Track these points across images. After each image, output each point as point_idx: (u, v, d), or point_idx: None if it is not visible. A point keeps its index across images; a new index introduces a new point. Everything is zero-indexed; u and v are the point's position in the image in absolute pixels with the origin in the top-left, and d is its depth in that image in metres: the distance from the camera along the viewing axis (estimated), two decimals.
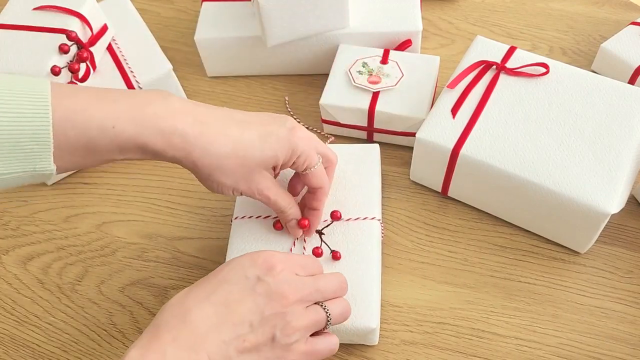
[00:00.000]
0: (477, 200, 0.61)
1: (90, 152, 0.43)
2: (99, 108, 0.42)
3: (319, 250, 0.53)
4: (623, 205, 0.53)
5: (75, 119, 0.41)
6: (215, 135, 0.46)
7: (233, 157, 0.46)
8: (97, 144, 0.42)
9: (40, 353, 0.56)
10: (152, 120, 0.43)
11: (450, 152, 0.56)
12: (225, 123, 0.47)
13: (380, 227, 0.56)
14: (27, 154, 0.40)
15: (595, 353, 0.52)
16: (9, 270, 0.62)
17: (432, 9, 0.83)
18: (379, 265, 0.54)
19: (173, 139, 0.44)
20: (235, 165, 0.47)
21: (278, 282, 0.42)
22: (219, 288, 0.41)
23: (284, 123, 0.49)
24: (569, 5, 0.82)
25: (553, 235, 0.58)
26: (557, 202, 0.53)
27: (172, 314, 0.40)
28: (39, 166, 0.40)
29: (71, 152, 0.42)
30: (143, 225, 0.64)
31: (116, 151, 0.43)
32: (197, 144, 0.45)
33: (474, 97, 0.60)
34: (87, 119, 0.41)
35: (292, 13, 0.66)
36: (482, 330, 0.54)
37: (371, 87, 0.65)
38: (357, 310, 0.50)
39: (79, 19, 0.65)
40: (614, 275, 0.56)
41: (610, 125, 0.56)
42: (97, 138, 0.42)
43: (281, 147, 0.48)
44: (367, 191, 0.57)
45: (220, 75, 0.78)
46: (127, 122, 0.42)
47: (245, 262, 0.43)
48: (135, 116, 0.43)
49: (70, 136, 0.41)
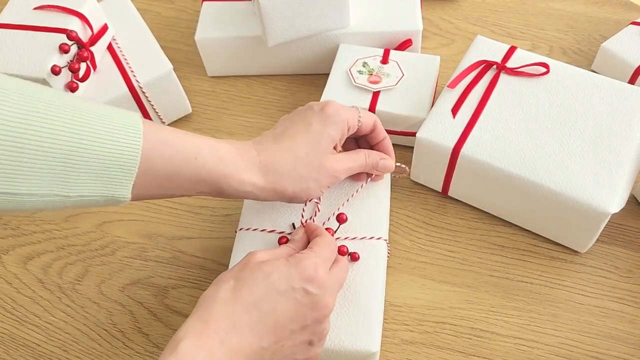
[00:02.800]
0: (477, 200, 0.61)
1: (170, 183, 0.45)
2: (183, 140, 0.45)
3: (345, 249, 0.53)
4: (623, 204, 0.53)
5: (162, 150, 0.43)
6: (277, 153, 0.49)
7: (299, 161, 0.49)
8: (180, 174, 0.45)
9: (41, 353, 0.56)
10: (228, 156, 0.47)
11: (451, 152, 0.57)
12: (276, 141, 0.50)
13: (386, 247, 0.55)
14: (110, 180, 0.41)
15: (594, 352, 0.52)
16: (9, 269, 0.62)
17: (433, 8, 0.83)
18: (383, 287, 0.53)
19: (246, 173, 0.47)
20: (304, 166, 0.49)
21: (322, 292, 0.43)
22: (267, 297, 0.42)
23: (312, 110, 0.51)
24: (569, 5, 0.82)
25: (553, 234, 0.58)
26: (558, 202, 0.53)
27: (223, 315, 0.40)
28: (117, 193, 0.42)
29: (151, 181, 0.44)
30: (143, 224, 0.64)
31: (193, 182, 0.46)
32: (268, 169, 0.48)
33: (474, 96, 0.60)
34: (173, 150, 0.44)
35: (292, 13, 0.66)
36: (481, 330, 0.54)
37: (371, 87, 0.65)
38: (358, 333, 0.48)
39: (80, 18, 0.65)
40: (613, 275, 0.57)
41: (610, 125, 0.56)
42: (181, 167, 0.44)
43: (328, 127, 0.50)
44: (375, 210, 0.56)
45: (220, 75, 0.78)
46: (208, 155, 0.46)
47: (293, 273, 0.43)
48: (215, 149, 0.46)
49: (157, 164, 0.43)
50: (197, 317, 0.40)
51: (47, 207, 0.41)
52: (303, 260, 0.44)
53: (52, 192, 0.40)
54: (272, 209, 0.56)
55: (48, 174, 0.39)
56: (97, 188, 0.41)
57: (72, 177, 0.40)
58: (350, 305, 0.50)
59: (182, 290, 0.59)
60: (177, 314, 0.57)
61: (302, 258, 0.44)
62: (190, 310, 0.57)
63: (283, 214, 0.56)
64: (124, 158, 0.41)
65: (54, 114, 0.38)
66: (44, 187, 0.39)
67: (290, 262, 0.44)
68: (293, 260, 0.44)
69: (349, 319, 0.49)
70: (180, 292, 0.59)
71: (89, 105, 0.41)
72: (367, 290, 0.51)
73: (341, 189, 0.57)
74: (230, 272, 0.43)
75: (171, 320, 0.57)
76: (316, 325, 0.44)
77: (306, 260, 0.44)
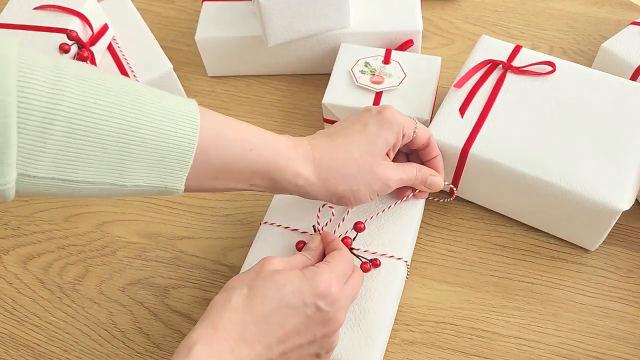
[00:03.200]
0: (486, 199, 0.60)
1: (226, 174, 0.45)
2: (238, 131, 0.45)
3: (368, 266, 0.52)
4: (633, 202, 0.53)
5: (217, 142, 0.43)
6: (331, 151, 0.49)
7: (351, 161, 0.49)
8: (235, 165, 0.44)
9: (41, 353, 0.56)
10: (283, 148, 0.47)
11: (460, 152, 0.56)
12: (331, 139, 0.50)
13: (406, 269, 0.54)
14: (165, 170, 0.41)
15: (595, 352, 0.52)
16: (10, 270, 0.62)
17: (433, 8, 0.83)
18: (394, 309, 0.52)
19: (300, 166, 0.47)
20: (356, 168, 0.49)
21: (334, 310, 0.43)
22: (278, 310, 0.41)
23: (370, 113, 0.51)
24: (569, 5, 0.82)
25: (563, 233, 0.58)
26: (568, 200, 0.53)
27: (232, 323, 0.40)
28: (170, 184, 0.42)
29: (206, 173, 0.43)
30: (143, 224, 0.64)
31: (247, 174, 0.45)
32: (321, 166, 0.48)
33: (481, 96, 0.60)
34: (228, 140, 0.44)
35: (292, 13, 0.66)
36: (482, 330, 0.54)
37: (374, 87, 0.65)
38: (360, 351, 0.48)
39: (80, 18, 0.65)
40: (614, 275, 0.57)
41: (618, 122, 0.56)
42: (236, 158, 0.44)
43: (385, 131, 0.50)
44: (402, 229, 0.55)
45: (220, 75, 0.78)
46: (262, 146, 0.45)
47: (306, 288, 0.42)
48: (268, 140, 0.46)
49: (212, 156, 0.43)
50: (209, 324, 0.40)
51: (101, 194, 0.41)
52: (317, 275, 0.43)
53: (108, 181, 0.40)
54: (297, 209, 0.56)
55: (104, 163, 0.39)
56: (152, 178, 0.41)
57: (128, 166, 0.40)
58: (356, 320, 0.50)
59: (183, 290, 0.59)
60: (177, 314, 0.57)
61: (317, 272, 0.43)
62: (190, 310, 0.57)
63: (307, 216, 0.56)
64: (180, 149, 0.41)
65: (113, 101, 0.38)
66: (99, 175, 0.39)
67: (304, 275, 0.43)
68: (308, 274, 0.43)
69: (352, 334, 0.49)
70: (180, 292, 0.59)
71: (148, 93, 0.41)
72: (376, 310, 0.50)
73: (377, 200, 0.56)
74: (244, 278, 0.43)
75: (172, 320, 0.57)
76: (324, 340, 0.44)
77: (320, 276, 0.43)
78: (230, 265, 0.60)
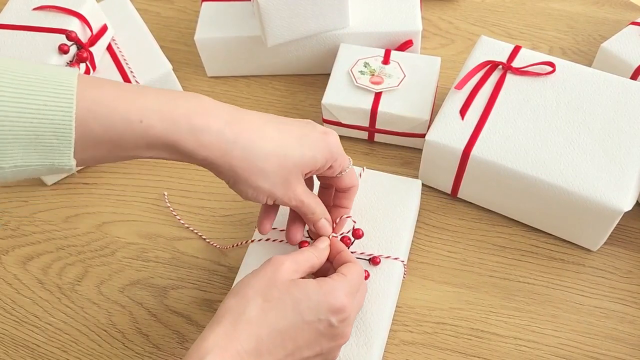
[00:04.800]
0: (487, 201, 0.60)
1: (116, 147, 0.40)
2: (126, 100, 0.40)
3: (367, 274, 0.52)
4: (634, 202, 0.53)
5: (99, 112, 0.39)
6: (254, 133, 0.44)
7: (274, 157, 0.44)
8: (124, 139, 0.40)
9: (40, 353, 0.56)
10: (184, 117, 0.41)
11: (461, 154, 0.56)
12: (262, 123, 0.45)
13: (403, 269, 0.54)
14: (46, 148, 0.38)
15: (594, 353, 0.52)
16: (9, 270, 0.62)
17: (432, 9, 0.83)
18: (391, 310, 0.52)
19: (208, 137, 0.41)
20: (275, 166, 0.44)
21: (344, 326, 0.44)
22: (293, 325, 0.42)
23: (314, 127, 0.48)
24: (569, 5, 0.82)
25: (565, 233, 0.58)
26: (570, 201, 0.53)
27: (247, 335, 0.40)
28: (57, 161, 0.39)
29: (95, 146, 0.40)
30: (143, 225, 0.64)
31: (143, 148, 0.41)
32: (236, 143, 0.43)
33: (481, 97, 0.60)
34: (113, 112, 0.39)
35: (292, 13, 0.66)
36: (481, 330, 0.54)
37: (374, 88, 0.65)
38: (359, 350, 0.49)
39: (79, 19, 0.65)
40: (613, 276, 0.57)
41: (619, 122, 0.56)
42: (124, 133, 0.40)
43: (320, 150, 0.46)
44: (398, 228, 0.55)
45: (220, 75, 0.78)
46: (156, 118, 0.40)
47: (322, 305, 0.42)
48: (165, 111, 0.40)
49: (95, 129, 0.39)
50: (223, 333, 0.40)
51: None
52: (335, 290, 0.43)
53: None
54: None
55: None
56: (32, 158, 0.38)
57: (0, 147, 0.37)
58: (355, 321, 0.50)
59: (182, 291, 0.59)
60: (176, 314, 0.57)
61: (334, 288, 0.43)
62: (189, 311, 0.57)
63: None
64: (55, 123, 0.37)
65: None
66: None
67: (321, 289, 0.43)
68: (325, 288, 0.43)
69: (350, 338, 0.49)
70: (180, 292, 0.59)
71: (20, 66, 0.38)
72: (374, 310, 0.50)
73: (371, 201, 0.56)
74: (257, 285, 0.42)
75: (171, 320, 0.57)
76: (329, 353, 0.45)
77: (338, 292, 0.43)
78: (230, 266, 0.60)
